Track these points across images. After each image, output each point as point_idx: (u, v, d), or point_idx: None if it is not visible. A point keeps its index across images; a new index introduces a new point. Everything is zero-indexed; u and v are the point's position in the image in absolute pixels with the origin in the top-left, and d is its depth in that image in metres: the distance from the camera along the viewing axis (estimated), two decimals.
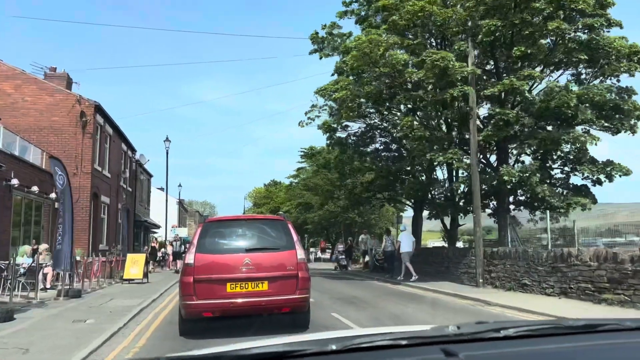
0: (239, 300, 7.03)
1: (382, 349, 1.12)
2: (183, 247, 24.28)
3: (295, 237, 7.66)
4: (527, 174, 14.07)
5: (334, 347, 1.10)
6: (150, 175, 38.52)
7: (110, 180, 24.71)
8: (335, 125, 20.64)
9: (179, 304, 7.47)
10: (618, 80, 15.04)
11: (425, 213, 21.26)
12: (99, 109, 22.19)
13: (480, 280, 14.21)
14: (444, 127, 17.45)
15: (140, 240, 33.07)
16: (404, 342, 1.13)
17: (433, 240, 57.41)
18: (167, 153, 37.91)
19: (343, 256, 26.91)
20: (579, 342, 1.22)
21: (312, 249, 50.23)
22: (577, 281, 11.00)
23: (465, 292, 13.29)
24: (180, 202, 62.65)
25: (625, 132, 15.60)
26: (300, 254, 7.52)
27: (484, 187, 15.33)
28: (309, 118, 23.14)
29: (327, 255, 48.87)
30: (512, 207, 16.41)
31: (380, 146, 22.27)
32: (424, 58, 14.03)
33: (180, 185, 59.42)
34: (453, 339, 1.19)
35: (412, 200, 23.24)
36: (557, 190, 15.04)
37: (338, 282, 18.99)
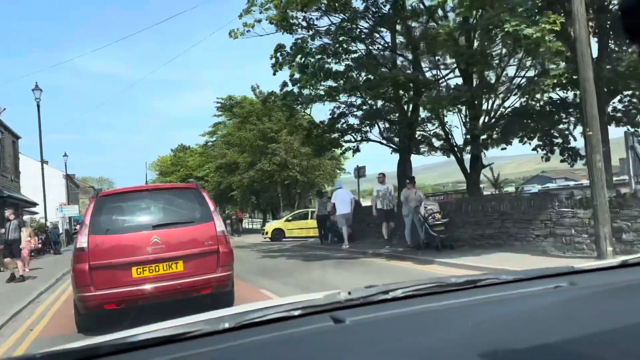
0: (149, 287, 6.00)
1: (275, 322, 1.11)
2: (19, 231, 13.74)
3: (212, 206, 6.67)
4: None
5: (226, 325, 1.07)
6: (17, 137, 28.62)
7: None
8: (296, 14, 13.22)
9: (73, 297, 6.27)
10: None
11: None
12: None
13: (609, 249, 7.92)
14: None
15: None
16: (296, 313, 1.14)
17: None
18: (38, 106, 28.03)
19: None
20: (460, 298, 1.25)
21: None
22: None
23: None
24: (69, 176, 51.86)
25: None
26: (219, 225, 6.55)
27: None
28: (245, 24, 15.54)
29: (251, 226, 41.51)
30: None
31: (359, 56, 15.00)
32: None
33: (66, 155, 48.95)
34: (344, 305, 1.20)
35: (399, 139, 16.70)
36: None
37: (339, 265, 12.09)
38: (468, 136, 12.54)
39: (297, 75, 16.88)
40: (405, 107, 14.72)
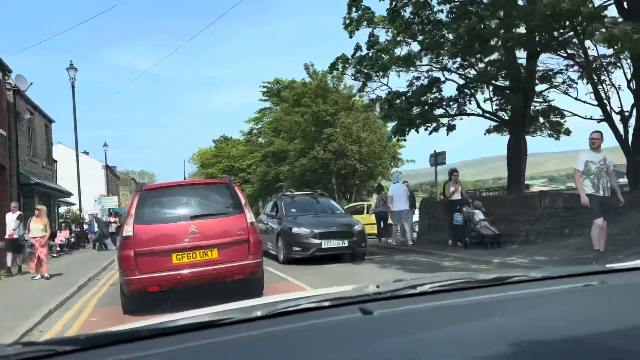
0: (187, 271, 6.65)
1: (305, 312, 1.14)
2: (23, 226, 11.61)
3: (243, 200, 7.32)
4: None
5: (259, 314, 1.11)
6: (50, 121, 26.20)
7: None
8: None
9: (119, 280, 6.99)
10: None
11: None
12: None
13: None
14: None
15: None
16: (326, 304, 1.16)
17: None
18: (72, 87, 25.53)
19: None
20: (489, 294, 1.25)
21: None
22: None
23: None
24: (108, 167, 50.09)
25: None
26: (250, 217, 7.14)
27: None
28: None
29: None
30: None
31: None
32: None
33: (105, 145, 47.23)
34: (372, 298, 1.22)
35: (511, 111, 13.07)
36: None
37: None
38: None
39: (378, 32, 13.53)
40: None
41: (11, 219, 11.85)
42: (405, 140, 13.87)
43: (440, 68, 13.67)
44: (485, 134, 16.27)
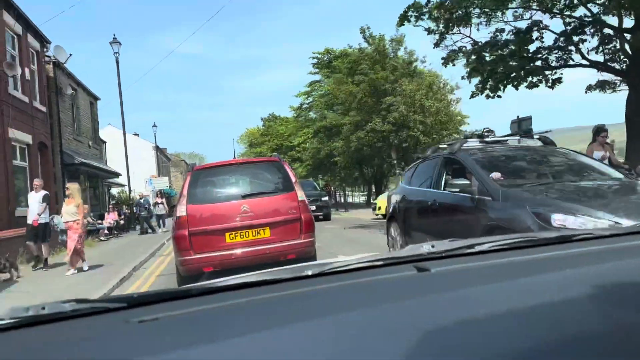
0: (240, 251, 6.61)
1: (358, 271, 1.12)
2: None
3: (293, 178, 7.20)
4: None
5: (309, 272, 1.11)
6: (96, 98, 25.13)
7: None
8: None
9: (175, 261, 6.95)
10: None
11: None
12: None
13: None
14: None
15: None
16: (379, 263, 1.15)
17: None
18: (117, 62, 24.30)
19: None
20: (551, 252, 1.19)
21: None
22: None
23: None
24: (159, 148, 49.60)
25: None
26: (301, 195, 6.97)
27: None
28: None
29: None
30: None
31: None
32: None
33: (155, 126, 46.69)
34: (427, 257, 1.19)
35: (629, 59, 10.50)
36: None
37: None
38: None
39: None
40: None
41: (35, 199, 9.97)
42: (500, 97, 11.54)
43: (541, 8, 11.20)
44: (586, 92, 13.72)
